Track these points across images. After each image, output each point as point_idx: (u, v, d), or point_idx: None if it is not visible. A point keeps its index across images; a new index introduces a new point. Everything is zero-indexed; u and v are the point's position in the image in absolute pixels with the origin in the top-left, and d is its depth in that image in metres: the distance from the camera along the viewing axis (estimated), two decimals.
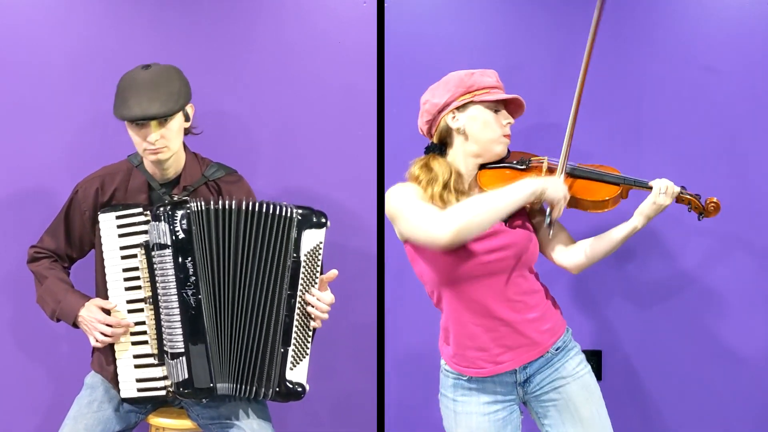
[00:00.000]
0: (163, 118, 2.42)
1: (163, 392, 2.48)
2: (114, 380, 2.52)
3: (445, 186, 2.28)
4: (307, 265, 2.45)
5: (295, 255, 2.44)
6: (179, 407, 2.65)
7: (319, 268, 2.47)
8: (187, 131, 2.58)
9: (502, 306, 2.29)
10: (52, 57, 2.94)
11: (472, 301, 2.30)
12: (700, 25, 2.94)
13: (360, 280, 3.05)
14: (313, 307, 2.45)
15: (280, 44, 3.00)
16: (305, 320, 2.47)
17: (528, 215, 2.42)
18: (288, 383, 2.46)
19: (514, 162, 2.39)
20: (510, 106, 2.40)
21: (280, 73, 3.00)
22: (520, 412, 2.43)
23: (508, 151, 2.41)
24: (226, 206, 2.42)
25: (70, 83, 2.95)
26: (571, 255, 2.43)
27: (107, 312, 2.47)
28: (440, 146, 2.38)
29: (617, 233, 2.36)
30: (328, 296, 2.49)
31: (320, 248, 2.46)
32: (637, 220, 2.34)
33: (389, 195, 2.32)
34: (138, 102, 2.39)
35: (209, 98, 2.92)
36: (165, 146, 2.45)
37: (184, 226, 2.40)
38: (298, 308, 2.45)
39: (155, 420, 2.62)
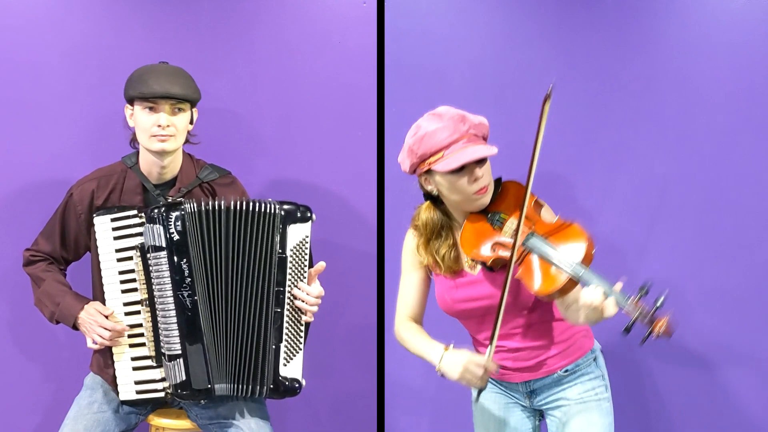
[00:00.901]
0: (177, 106, 2.47)
1: (161, 394, 2.49)
2: (113, 382, 2.53)
3: (428, 239, 2.33)
4: (294, 259, 2.46)
5: (280, 250, 2.44)
6: (179, 408, 2.66)
7: (306, 262, 2.47)
8: (186, 138, 2.59)
9: (508, 334, 2.32)
10: (50, 57, 2.95)
11: (472, 331, 2.38)
12: (701, 26, 2.92)
13: (360, 279, 3.05)
14: (302, 300, 2.46)
15: (280, 44, 3.01)
16: (296, 315, 2.47)
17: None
18: (282, 379, 2.47)
19: (489, 214, 2.25)
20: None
21: (280, 73, 3.00)
22: (539, 418, 2.45)
23: (498, 184, 2.28)
24: (217, 207, 2.43)
25: (68, 84, 2.96)
26: (566, 313, 2.24)
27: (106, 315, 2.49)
28: (430, 195, 2.32)
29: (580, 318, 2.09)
30: (316, 289, 2.48)
31: (306, 242, 2.47)
32: (584, 317, 2.06)
33: (405, 243, 2.41)
34: (158, 81, 2.44)
35: (209, 98, 2.91)
36: (173, 135, 2.47)
37: (179, 228, 2.41)
38: (288, 303, 2.46)
39: (155, 420, 2.63)
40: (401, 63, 3.01)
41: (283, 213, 2.45)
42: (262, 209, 2.44)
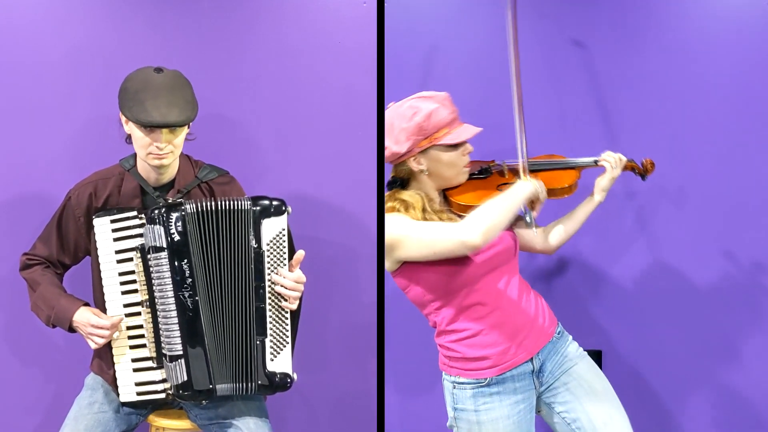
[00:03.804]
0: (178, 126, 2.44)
1: (162, 395, 2.50)
2: (114, 384, 2.53)
3: (424, 210, 2.36)
4: (272, 253, 2.46)
5: (256, 245, 2.45)
6: (179, 408, 2.66)
7: (285, 255, 2.47)
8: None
9: (510, 298, 2.36)
10: (50, 58, 2.94)
11: (485, 298, 2.35)
12: (699, 24, 2.92)
13: (360, 280, 3.05)
14: (281, 286, 2.45)
15: (279, 45, 3.01)
16: (279, 309, 2.47)
17: None
18: (271, 374, 2.47)
19: (474, 173, 2.47)
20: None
21: (279, 73, 3.00)
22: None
23: None
24: (211, 207, 2.44)
25: (69, 86, 2.95)
26: (547, 240, 2.64)
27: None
28: (402, 181, 2.44)
29: (583, 212, 2.59)
30: (294, 274, 2.47)
31: (283, 235, 2.46)
32: (600, 196, 2.54)
33: (388, 225, 2.38)
34: (156, 106, 2.39)
35: (208, 99, 2.90)
36: (171, 152, 2.46)
37: (179, 228, 2.41)
38: (269, 297, 2.46)
39: (156, 420, 2.63)
40: (401, 63, 3.01)
41: (255, 208, 2.45)
42: (235, 207, 2.44)
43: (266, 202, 2.46)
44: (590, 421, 2.36)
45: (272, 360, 2.47)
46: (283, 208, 2.46)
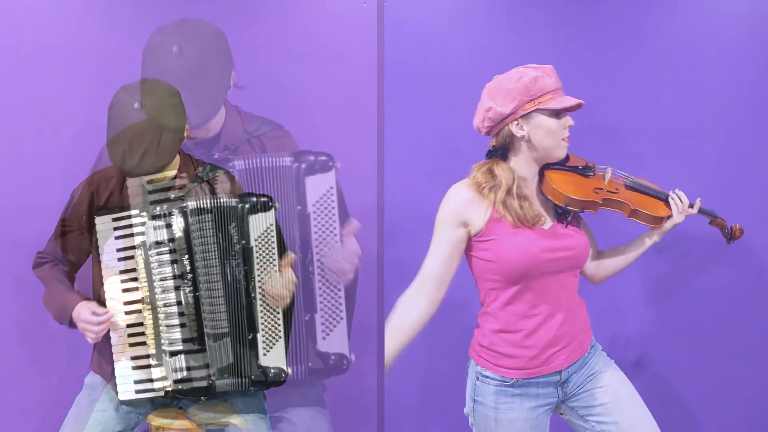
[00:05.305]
0: None
1: (161, 393, 2.50)
2: (113, 381, 2.53)
3: (509, 192, 2.32)
4: (260, 248, 2.46)
5: (244, 241, 2.45)
6: (178, 408, 2.66)
7: (274, 250, 2.47)
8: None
9: (561, 309, 2.35)
10: (50, 58, 2.95)
11: (538, 300, 2.34)
12: (702, 24, 2.93)
13: (360, 280, 3.04)
14: (271, 288, 2.45)
15: (280, 44, 3.01)
16: (269, 303, 2.47)
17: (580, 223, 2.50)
18: (265, 369, 2.47)
19: (579, 167, 2.43)
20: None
21: (279, 73, 3.01)
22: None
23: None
24: (207, 204, 2.44)
25: (75, 83, 2.96)
26: (597, 269, 2.56)
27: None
28: (502, 150, 2.38)
29: (635, 252, 2.52)
30: (283, 278, 2.47)
31: (271, 230, 2.47)
32: (657, 236, 2.49)
33: (451, 195, 2.37)
34: (132, 156, 2.33)
35: None
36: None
37: (181, 225, 2.42)
38: (260, 292, 2.46)
39: (155, 420, 2.63)
40: (401, 63, 3.02)
41: (241, 205, 2.45)
42: (222, 204, 2.44)
43: (253, 198, 2.46)
44: (617, 424, 2.35)
45: (265, 355, 2.47)
46: (270, 204, 2.47)
